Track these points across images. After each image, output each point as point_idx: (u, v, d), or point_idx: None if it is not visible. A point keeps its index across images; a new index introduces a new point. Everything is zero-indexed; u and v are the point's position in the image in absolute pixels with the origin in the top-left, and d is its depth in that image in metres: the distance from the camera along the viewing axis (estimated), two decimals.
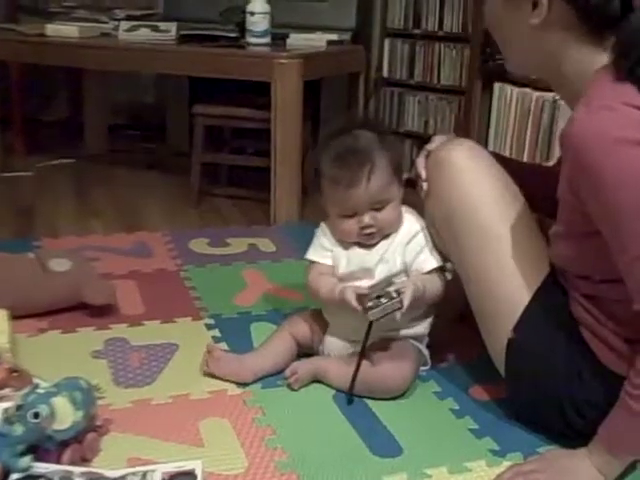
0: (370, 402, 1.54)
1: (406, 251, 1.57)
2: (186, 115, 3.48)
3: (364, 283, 1.56)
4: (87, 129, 3.81)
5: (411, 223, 1.60)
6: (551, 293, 1.38)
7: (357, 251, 1.58)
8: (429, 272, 1.57)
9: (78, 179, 3.31)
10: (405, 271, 1.58)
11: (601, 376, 1.30)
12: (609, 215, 1.15)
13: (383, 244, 1.58)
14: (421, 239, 1.58)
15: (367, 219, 1.54)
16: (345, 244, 1.60)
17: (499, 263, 1.42)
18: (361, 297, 1.48)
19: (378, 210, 1.55)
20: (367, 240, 1.57)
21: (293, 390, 1.58)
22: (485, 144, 2.72)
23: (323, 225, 1.65)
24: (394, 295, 1.47)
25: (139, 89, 4.14)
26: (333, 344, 1.63)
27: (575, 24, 1.24)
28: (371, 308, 1.46)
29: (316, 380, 1.60)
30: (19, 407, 1.25)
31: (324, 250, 1.63)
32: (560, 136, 1.21)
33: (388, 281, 1.54)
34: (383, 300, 1.47)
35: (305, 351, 1.67)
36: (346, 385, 1.55)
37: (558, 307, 1.36)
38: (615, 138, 1.12)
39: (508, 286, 1.41)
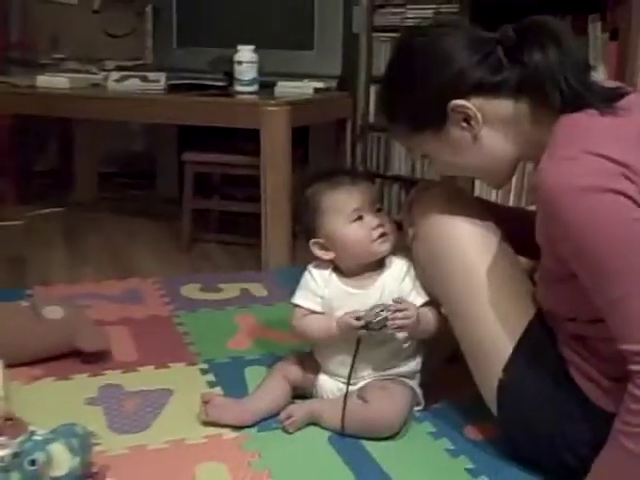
0: (365, 443, 1.55)
1: (401, 289, 1.59)
2: (175, 162, 3.52)
3: None
4: (77, 178, 3.84)
5: (401, 260, 1.63)
6: (539, 334, 1.40)
7: (354, 292, 1.60)
8: (421, 306, 1.59)
9: (68, 227, 3.33)
10: None
11: (591, 414, 1.31)
12: (584, 262, 1.17)
13: (379, 284, 1.60)
14: (412, 275, 1.61)
15: (376, 219, 1.58)
16: (338, 286, 1.62)
17: (484, 306, 1.44)
18: (359, 318, 1.52)
19: (378, 212, 1.60)
20: (383, 245, 1.59)
21: (289, 433, 1.58)
22: (472, 188, 2.76)
23: (312, 269, 1.66)
24: (393, 308, 1.50)
25: (129, 138, 4.19)
26: (326, 384, 1.65)
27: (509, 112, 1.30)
28: (371, 323, 1.50)
29: (311, 422, 1.61)
30: (16, 455, 1.26)
31: (314, 296, 1.64)
32: (531, 186, 1.24)
33: (384, 305, 1.54)
34: (383, 313, 1.50)
35: (298, 392, 1.68)
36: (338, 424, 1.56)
37: (546, 348, 1.38)
38: (581, 187, 1.14)
39: (494, 329, 1.42)
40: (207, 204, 3.21)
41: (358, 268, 1.62)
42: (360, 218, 1.59)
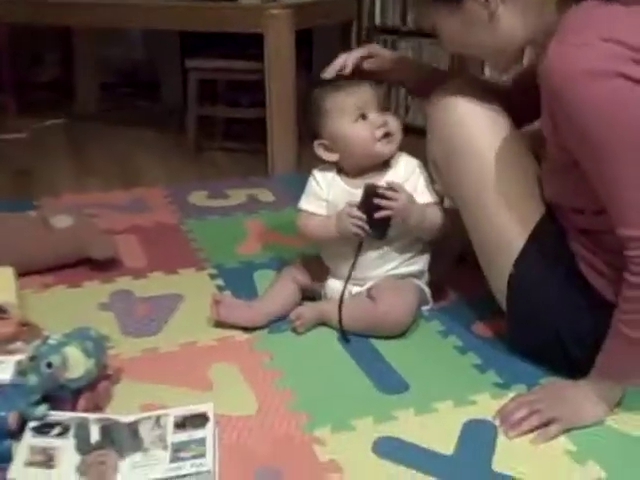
0: (375, 342, 1.57)
1: (406, 186, 1.57)
2: (179, 70, 3.47)
3: None
4: (79, 89, 3.78)
5: (407, 160, 1.62)
6: (550, 229, 1.41)
7: (357, 192, 1.59)
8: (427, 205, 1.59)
9: (73, 139, 3.30)
10: None
11: (597, 306, 1.32)
12: (586, 146, 1.18)
13: (381, 184, 1.58)
14: (418, 174, 1.60)
15: (382, 118, 1.56)
16: (341, 188, 1.61)
17: (498, 198, 1.44)
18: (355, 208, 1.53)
19: (384, 112, 1.58)
20: (387, 145, 1.57)
21: (298, 334, 1.60)
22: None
23: (315, 173, 1.65)
24: (381, 191, 1.52)
25: (130, 46, 4.11)
26: (334, 285, 1.65)
27: None
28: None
29: (321, 323, 1.63)
30: (32, 358, 1.28)
31: (318, 199, 1.64)
32: (538, 72, 1.22)
33: (370, 186, 1.55)
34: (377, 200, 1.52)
35: (307, 295, 1.70)
36: (349, 326, 1.58)
37: (556, 242, 1.38)
38: (592, 72, 1.13)
39: (507, 222, 1.43)
40: (212, 111, 3.17)
41: (362, 169, 1.61)
42: (364, 117, 1.57)
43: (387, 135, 1.57)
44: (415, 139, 1.69)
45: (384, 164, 1.61)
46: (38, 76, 4.09)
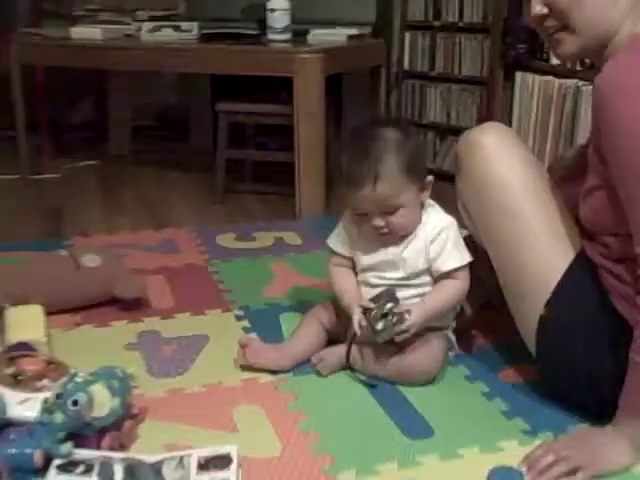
0: (400, 386, 1.56)
1: (430, 250, 1.57)
2: (209, 113, 3.52)
3: (388, 274, 1.59)
4: (112, 130, 3.86)
5: (436, 221, 1.59)
6: (581, 270, 1.40)
7: (379, 244, 1.59)
8: (449, 272, 1.57)
9: (104, 180, 3.36)
10: (428, 270, 1.59)
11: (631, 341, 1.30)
12: (617, 154, 1.22)
13: (405, 240, 1.58)
14: (444, 238, 1.57)
15: (377, 221, 1.54)
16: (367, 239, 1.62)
17: (528, 241, 1.44)
18: (367, 311, 1.53)
19: (389, 214, 1.54)
20: (383, 239, 1.58)
21: (322, 376, 1.60)
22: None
23: (346, 214, 1.66)
24: (400, 317, 1.51)
25: (162, 90, 4.19)
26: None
27: None
28: (378, 328, 1.51)
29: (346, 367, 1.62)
30: (58, 395, 1.28)
31: (343, 241, 1.65)
32: (592, 87, 1.27)
33: (390, 294, 1.55)
34: (389, 318, 1.51)
35: (333, 337, 1.69)
36: (376, 372, 1.58)
37: (588, 281, 1.37)
38: (637, 86, 1.18)
39: (538, 264, 1.43)
40: (241, 154, 3.21)
41: None
42: (365, 214, 1.55)
43: (385, 234, 1.56)
44: (442, 184, 1.69)
45: None
46: (73, 118, 4.17)
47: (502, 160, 1.49)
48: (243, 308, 1.95)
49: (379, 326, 1.51)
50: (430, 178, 1.58)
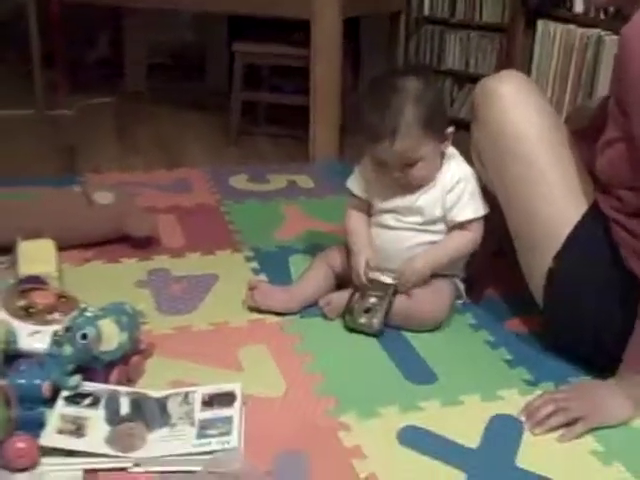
0: (406, 332, 1.57)
1: (446, 199, 1.57)
2: (225, 54, 3.48)
3: (406, 218, 1.59)
4: (127, 68, 3.83)
5: (454, 171, 1.58)
6: (593, 221, 1.39)
7: (398, 189, 1.59)
8: (463, 223, 1.57)
9: (119, 117, 3.35)
10: (443, 218, 1.59)
11: None
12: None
13: (424, 187, 1.58)
14: (461, 188, 1.57)
15: (397, 173, 1.55)
16: (385, 182, 1.61)
17: (541, 191, 1.43)
18: (355, 293, 1.58)
19: (409, 166, 1.54)
20: (404, 188, 1.57)
21: (329, 319, 1.61)
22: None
23: (366, 158, 1.64)
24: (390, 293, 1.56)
25: (178, 28, 4.14)
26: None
27: None
28: (360, 322, 1.56)
29: None
30: (68, 329, 1.30)
31: (360, 184, 1.65)
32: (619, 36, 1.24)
33: (386, 290, 1.58)
34: (371, 313, 1.56)
35: (342, 282, 1.70)
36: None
37: (599, 235, 1.36)
38: None
39: (549, 215, 1.42)
40: (256, 96, 3.19)
41: None
42: (385, 164, 1.55)
43: (404, 184, 1.56)
44: (459, 132, 1.67)
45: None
46: (88, 55, 4.14)
47: (519, 109, 1.47)
48: (253, 249, 1.96)
49: (361, 320, 1.56)
50: (451, 129, 1.57)
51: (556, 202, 1.42)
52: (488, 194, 1.59)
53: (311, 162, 2.75)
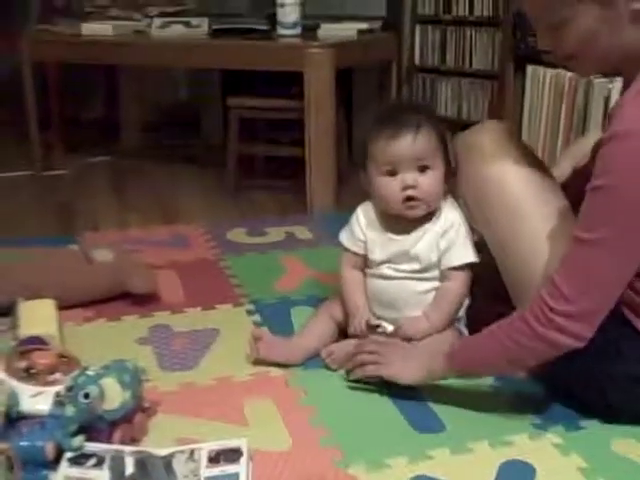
0: None
1: (440, 243, 1.57)
2: (220, 109, 3.53)
3: (403, 266, 1.58)
4: (123, 126, 3.87)
5: (448, 214, 1.58)
6: None
7: (393, 237, 1.59)
8: (455, 268, 1.57)
9: (115, 175, 3.37)
10: (438, 263, 1.58)
11: None
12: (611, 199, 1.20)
13: (419, 231, 1.58)
14: (454, 232, 1.57)
15: (408, 177, 1.53)
16: (379, 230, 1.61)
17: (531, 244, 1.42)
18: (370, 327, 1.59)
19: (422, 171, 1.54)
20: (409, 209, 1.55)
21: (332, 370, 1.60)
22: (519, 127, 2.72)
23: (359, 210, 1.65)
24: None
25: (173, 85, 4.20)
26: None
27: None
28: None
29: None
30: (70, 388, 1.29)
31: (356, 239, 1.64)
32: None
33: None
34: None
35: (344, 332, 1.69)
36: None
37: None
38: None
39: (540, 267, 1.40)
40: (252, 149, 3.22)
41: (398, 216, 1.59)
42: (392, 174, 1.55)
43: (410, 199, 1.54)
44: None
45: (429, 213, 1.58)
46: (84, 115, 4.19)
47: (499, 164, 1.46)
48: (254, 302, 1.96)
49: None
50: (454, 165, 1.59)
51: (546, 250, 1.40)
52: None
53: (309, 213, 2.76)
